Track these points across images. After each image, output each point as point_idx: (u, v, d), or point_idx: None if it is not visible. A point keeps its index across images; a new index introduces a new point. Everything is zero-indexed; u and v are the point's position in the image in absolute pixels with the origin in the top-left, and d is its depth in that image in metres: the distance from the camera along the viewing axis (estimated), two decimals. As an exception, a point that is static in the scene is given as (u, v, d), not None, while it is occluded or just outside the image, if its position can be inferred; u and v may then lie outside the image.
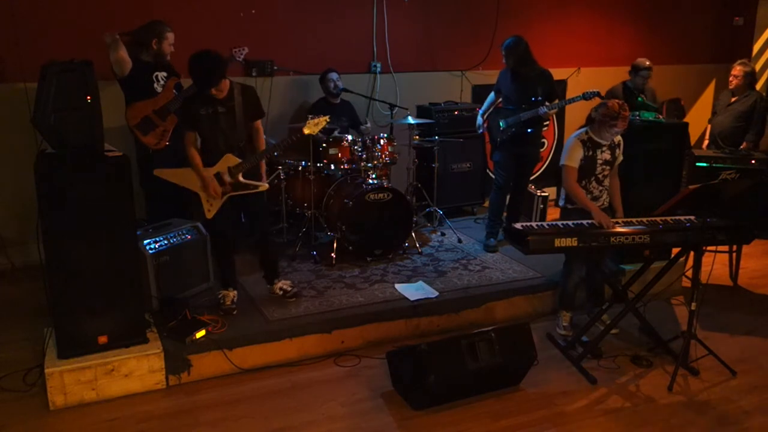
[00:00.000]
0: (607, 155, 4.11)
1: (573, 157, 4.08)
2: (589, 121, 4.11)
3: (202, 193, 4.03)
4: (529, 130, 5.21)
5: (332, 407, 3.55)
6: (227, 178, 4.00)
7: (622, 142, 4.18)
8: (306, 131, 4.12)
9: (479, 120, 5.74)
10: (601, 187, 4.15)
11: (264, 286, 4.47)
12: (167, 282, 4.15)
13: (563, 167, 4.10)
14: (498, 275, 4.84)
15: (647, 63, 6.21)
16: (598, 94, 5.08)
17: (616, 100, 3.96)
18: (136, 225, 3.83)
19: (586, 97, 5.09)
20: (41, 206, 3.45)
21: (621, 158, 4.20)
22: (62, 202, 3.41)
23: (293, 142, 4.18)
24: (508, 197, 5.55)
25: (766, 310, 4.84)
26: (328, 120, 4.20)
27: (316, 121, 4.13)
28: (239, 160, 3.99)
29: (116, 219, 3.55)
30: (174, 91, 4.65)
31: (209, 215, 4.06)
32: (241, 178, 4.02)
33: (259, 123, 4.16)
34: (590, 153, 4.08)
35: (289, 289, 4.37)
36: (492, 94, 5.56)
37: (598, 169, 4.10)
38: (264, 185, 4.15)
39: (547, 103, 5.13)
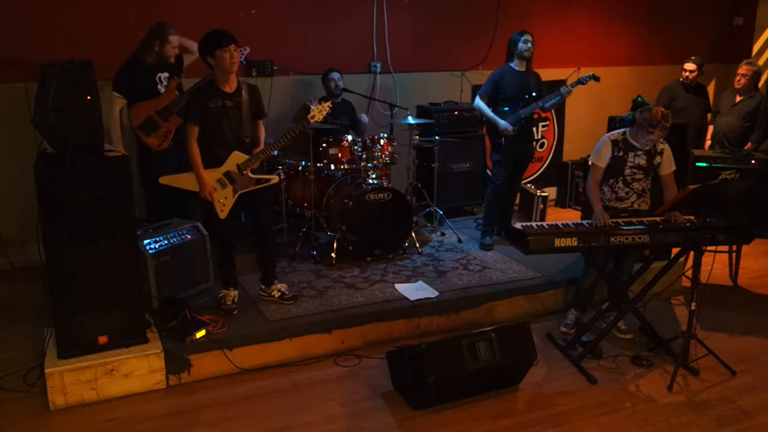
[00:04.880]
0: (641, 160, 4.06)
1: (600, 156, 4.10)
2: (632, 122, 4.11)
3: (215, 195, 3.99)
4: (524, 122, 5.24)
5: (332, 407, 3.55)
6: (237, 176, 4.01)
7: (666, 151, 4.11)
8: (312, 119, 4.14)
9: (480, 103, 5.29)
10: (628, 189, 4.11)
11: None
12: (167, 282, 4.14)
13: (590, 164, 4.15)
14: (498, 275, 4.84)
15: (692, 58, 6.39)
16: (593, 77, 5.12)
17: (662, 109, 3.92)
18: (136, 225, 3.83)
19: (582, 81, 5.12)
20: (41, 206, 3.45)
21: (672, 167, 4.12)
22: (62, 203, 3.40)
23: (299, 132, 4.19)
24: None
25: (766, 310, 4.84)
26: (330, 105, 4.23)
27: (319, 107, 4.16)
28: (247, 157, 4.00)
29: (116, 219, 3.55)
30: (176, 92, 4.65)
31: (223, 215, 4.03)
32: (251, 174, 4.04)
33: (261, 122, 4.19)
34: (620, 154, 4.07)
35: (288, 292, 4.35)
36: (483, 101, 5.24)
37: (627, 171, 4.08)
38: (274, 178, 4.20)
39: (546, 96, 5.19)
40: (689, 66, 6.36)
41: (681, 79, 6.45)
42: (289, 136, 4.13)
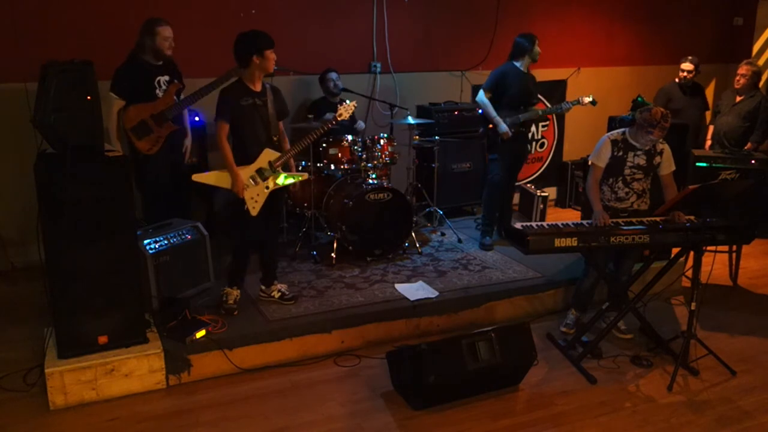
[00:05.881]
0: (641, 160, 4.06)
1: (600, 156, 4.11)
2: (632, 122, 4.12)
3: (246, 192, 4.00)
4: (522, 129, 5.32)
5: (332, 407, 3.55)
6: (269, 173, 4.04)
7: (666, 151, 4.11)
8: (339, 117, 4.30)
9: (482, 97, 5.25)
10: (627, 189, 4.11)
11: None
12: (167, 282, 4.14)
13: (590, 164, 4.15)
14: (498, 275, 4.84)
15: (689, 58, 6.41)
16: (591, 102, 5.26)
17: (661, 109, 3.93)
18: (136, 225, 3.83)
19: (581, 102, 5.21)
20: (41, 206, 3.45)
21: (672, 167, 4.13)
22: (62, 203, 3.41)
23: (327, 130, 4.32)
24: None
25: (766, 310, 4.84)
26: (356, 104, 4.38)
27: (345, 106, 4.31)
28: (278, 154, 4.05)
29: (116, 219, 3.55)
30: (175, 97, 4.57)
31: (254, 212, 4.03)
32: (282, 171, 4.09)
33: (281, 123, 4.23)
34: (620, 153, 4.08)
35: (288, 292, 4.36)
36: (487, 96, 5.23)
37: (627, 171, 4.08)
38: (304, 174, 4.33)
39: (547, 105, 5.26)
40: (686, 66, 6.35)
41: (678, 80, 6.45)
42: (318, 133, 4.24)
